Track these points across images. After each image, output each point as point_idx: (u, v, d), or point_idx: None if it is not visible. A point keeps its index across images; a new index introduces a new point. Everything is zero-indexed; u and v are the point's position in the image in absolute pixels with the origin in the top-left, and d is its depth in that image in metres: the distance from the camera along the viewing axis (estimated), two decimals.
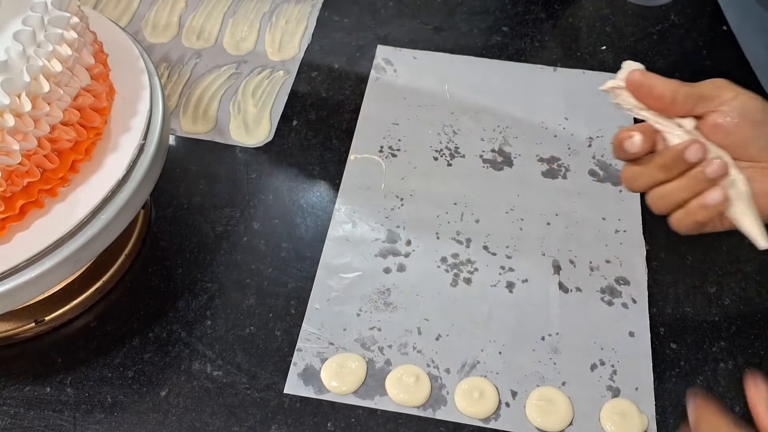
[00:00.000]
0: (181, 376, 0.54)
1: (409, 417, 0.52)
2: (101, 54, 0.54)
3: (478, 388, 0.52)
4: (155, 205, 0.63)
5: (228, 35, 0.77)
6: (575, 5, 0.80)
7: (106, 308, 0.57)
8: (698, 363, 0.54)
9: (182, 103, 0.71)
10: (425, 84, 0.73)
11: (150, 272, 0.59)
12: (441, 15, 0.80)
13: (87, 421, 0.52)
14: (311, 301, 0.57)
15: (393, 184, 0.65)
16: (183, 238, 0.61)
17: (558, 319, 0.56)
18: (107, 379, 0.53)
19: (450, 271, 0.59)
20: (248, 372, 0.54)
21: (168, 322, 0.56)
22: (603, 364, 0.54)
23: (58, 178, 0.48)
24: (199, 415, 0.52)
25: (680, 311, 0.57)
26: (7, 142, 0.43)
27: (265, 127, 0.69)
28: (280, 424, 0.51)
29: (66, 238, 0.47)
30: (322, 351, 0.55)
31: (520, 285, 0.58)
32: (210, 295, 0.58)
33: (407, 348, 0.55)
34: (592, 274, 0.59)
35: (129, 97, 0.54)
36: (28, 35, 0.45)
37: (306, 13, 0.80)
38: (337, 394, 0.53)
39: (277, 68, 0.74)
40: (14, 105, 0.43)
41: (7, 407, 0.52)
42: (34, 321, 0.55)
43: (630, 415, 0.51)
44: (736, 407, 0.52)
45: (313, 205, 0.64)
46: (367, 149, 0.67)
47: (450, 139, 0.68)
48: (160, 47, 0.76)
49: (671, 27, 0.78)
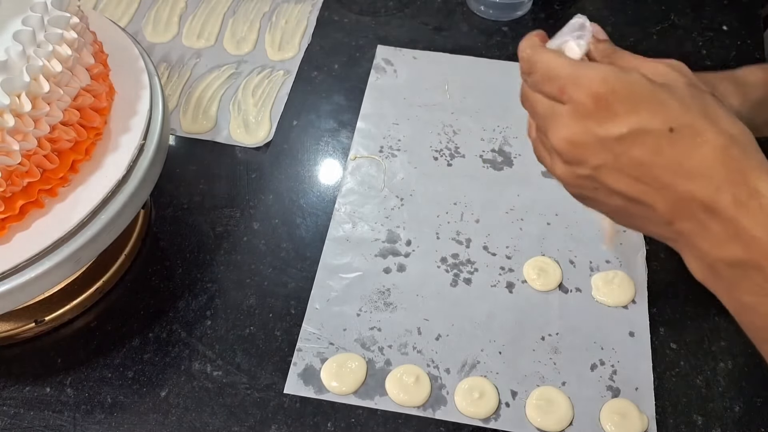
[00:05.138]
0: (181, 376, 0.54)
1: (409, 417, 0.52)
2: (101, 54, 0.54)
3: (478, 388, 0.52)
4: (155, 205, 0.63)
5: (228, 35, 0.77)
6: (575, 5, 0.80)
7: (106, 308, 0.57)
8: (698, 363, 0.54)
9: (182, 103, 0.71)
10: (425, 84, 0.72)
11: (150, 272, 0.59)
12: (441, 15, 0.80)
13: (87, 421, 0.52)
14: (311, 301, 0.57)
15: (393, 184, 0.65)
16: (183, 238, 0.61)
17: (558, 319, 0.56)
18: (107, 380, 0.53)
19: (450, 271, 0.59)
20: (248, 372, 0.54)
21: (168, 322, 0.56)
22: (603, 364, 0.54)
23: (58, 178, 0.48)
24: (199, 415, 0.52)
25: (680, 311, 0.57)
26: (7, 142, 0.43)
27: (265, 127, 0.69)
28: (280, 424, 0.51)
29: (66, 238, 0.47)
30: (322, 351, 0.55)
31: (520, 285, 0.58)
32: (210, 295, 0.58)
33: (407, 348, 0.55)
34: (592, 274, 0.59)
35: (129, 97, 0.54)
36: (28, 35, 0.45)
37: (306, 13, 0.80)
38: (337, 394, 0.53)
39: (277, 68, 0.74)
40: (14, 105, 0.43)
41: (7, 407, 0.52)
42: (34, 321, 0.55)
43: (630, 415, 0.51)
44: (736, 407, 0.52)
45: (313, 205, 0.64)
46: (367, 149, 0.67)
47: (450, 139, 0.68)
48: (160, 47, 0.76)
49: (671, 27, 0.78)
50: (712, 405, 0.52)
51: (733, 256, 0.33)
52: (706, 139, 0.33)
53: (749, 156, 0.33)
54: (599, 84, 0.34)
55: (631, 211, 0.36)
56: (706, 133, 0.33)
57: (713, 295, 0.40)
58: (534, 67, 0.37)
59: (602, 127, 0.34)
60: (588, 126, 0.34)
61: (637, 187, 0.35)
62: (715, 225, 0.33)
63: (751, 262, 0.33)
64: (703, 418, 0.51)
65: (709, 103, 0.35)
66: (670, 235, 0.36)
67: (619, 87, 0.34)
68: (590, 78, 0.34)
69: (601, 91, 0.34)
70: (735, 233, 0.33)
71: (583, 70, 0.35)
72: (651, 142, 0.33)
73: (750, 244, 0.33)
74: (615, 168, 0.35)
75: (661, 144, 0.33)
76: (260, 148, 0.68)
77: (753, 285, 0.33)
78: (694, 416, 0.52)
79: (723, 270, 0.34)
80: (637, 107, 0.34)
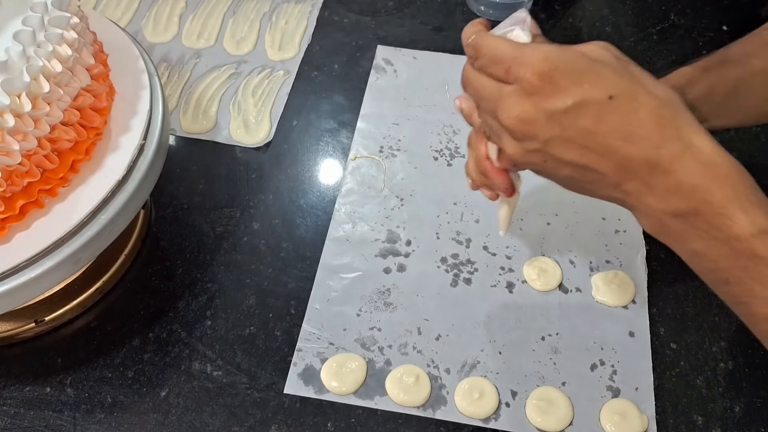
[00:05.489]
0: (181, 376, 0.54)
1: (409, 417, 0.52)
2: (101, 54, 0.54)
3: (478, 388, 0.52)
4: (155, 205, 0.63)
5: (228, 35, 0.77)
6: (575, 5, 0.80)
7: (106, 308, 0.57)
8: (698, 363, 0.54)
9: (182, 103, 0.71)
10: (425, 84, 0.72)
11: (150, 272, 0.59)
12: (441, 15, 0.80)
13: (87, 421, 0.52)
14: (311, 301, 0.57)
15: (393, 184, 0.65)
16: (183, 238, 0.61)
17: (558, 319, 0.56)
18: (107, 379, 0.53)
19: (450, 271, 0.59)
20: (248, 372, 0.54)
21: (168, 322, 0.56)
22: (603, 364, 0.54)
23: (58, 178, 0.48)
24: (199, 415, 0.52)
25: (680, 311, 0.57)
26: (7, 142, 0.43)
27: (265, 127, 0.69)
28: (280, 424, 0.51)
29: (66, 238, 0.47)
30: (322, 351, 0.55)
31: (520, 285, 0.58)
32: (210, 295, 0.58)
33: (407, 348, 0.55)
34: (592, 274, 0.59)
35: (129, 97, 0.54)
36: (28, 35, 0.45)
37: (306, 13, 0.80)
38: (337, 394, 0.53)
39: (277, 68, 0.74)
40: (14, 105, 0.43)
41: (7, 407, 0.52)
42: (34, 321, 0.55)
43: (630, 415, 0.51)
44: (736, 407, 0.52)
45: (313, 205, 0.64)
46: (367, 149, 0.67)
47: (450, 139, 0.68)
48: (160, 47, 0.76)
49: (671, 27, 0.78)
50: (712, 405, 0.52)
51: (676, 207, 0.36)
52: (641, 102, 0.36)
53: (680, 114, 0.36)
54: (542, 62, 0.36)
55: (582, 179, 0.39)
56: (640, 98, 0.36)
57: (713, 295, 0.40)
58: (480, 51, 0.39)
59: (549, 102, 0.36)
60: (535, 102, 0.37)
61: (585, 154, 0.37)
62: (658, 180, 0.36)
63: (692, 210, 0.36)
64: (703, 418, 0.51)
65: (638, 73, 0.37)
66: (620, 195, 0.38)
67: (561, 63, 0.36)
68: (534, 57, 0.37)
69: (544, 68, 0.36)
70: (675, 185, 0.36)
71: (527, 50, 0.37)
72: (594, 111, 0.36)
73: (689, 193, 0.36)
74: (563, 138, 0.37)
75: (603, 111, 0.36)
76: (260, 148, 0.68)
77: (697, 231, 0.36)
78: (694, 416, 0.52)
79: (670, 222, 0.37)
80: (579, 80, 0.36)
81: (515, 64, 0.37)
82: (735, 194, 0.35)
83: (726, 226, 0.35)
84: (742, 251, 0.35)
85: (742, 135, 0.66)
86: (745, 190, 0.35)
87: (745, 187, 0.35)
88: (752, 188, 0.36)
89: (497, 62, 0.38)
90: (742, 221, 0.35)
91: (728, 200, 0.35)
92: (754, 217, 0.35)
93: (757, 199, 0.35)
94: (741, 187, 0.35)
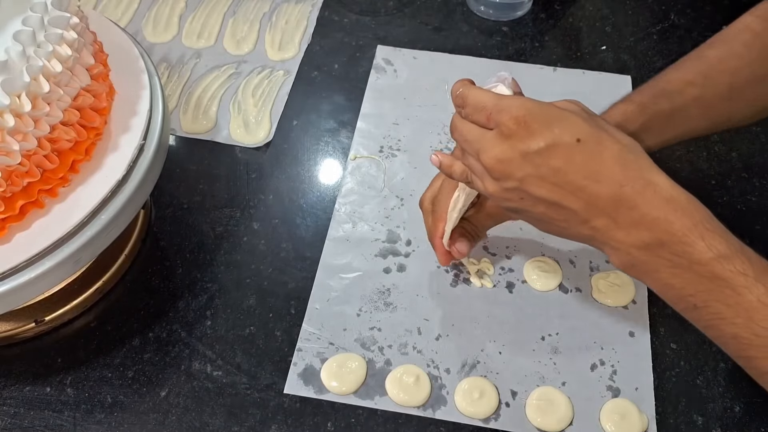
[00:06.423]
0: (181, 376, 0.54)
1: (409, 417, 0.52)
2: (101, 54, 0.54)
3: (478, 388, 0.52)
4: (155, 205, 0.63)
5: (228, 35, 0.77)
6: (575, 5, 0.80)
7: (106, 308, 0.57)
8: (698, 363, 0.54)
9: (182, 103, 0.71)
10: (425, 84, 0.72)
11: (150, 272, 0.59)
12: (441, 15, 0.80)
13: (87, 421, 0.52)
14: (311, 301, 0.57)
15: (393, 184, 0.65)
16: (183, 238, 0.61)
17: (558, 319, 0.56)
18: (107, 379, 0.53)
19: (450, 271, 0.59)
20: (248, 372, 0.54)
21: (168, 322, 0.56)
22: (603, 364, 0.54)
23: (58, 178, 0.48)
24: (199, 415, 0.52)
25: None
26: (7, 142, 0.43)
27: (265, 127, 0.69)
28: (280, 424, 0.51)
29: (66, 238, 0.47)
30: (322, 351, 0.55)
31: (520, 285, 0.58)
32: (210, 295, 0.58)
33: (407, 348, 0.55)
34: (592, 274, 0.59)
35: (129, 97, 0.54)
36: (28, 35, 0.45)
37: (306, 13, 0.80)
38: (337, 394, 0.53)
39: (277, 68, 0.74)
40: (14, 105, 0.43)
41: (7, 407, 0.52)
42: (34, 321, 0.55)
43: (630, 415, 0.51)
44: (736, 407, 0.52)
45: (313, 205, 0.64)
46: (367, 149, 0.67)
47: (450, 139, 0.68)
48: (160, 47, 0.76)
49: (671, 27, 0.78)
50: (712, 405, 0.52)
51: (641, 239, 0.40)
52: (605, 146, 0.40)
53: (640, 157, 0.41)
54: (519, 109, 0.41)
55: (555, 216, 0.42)
56: (605, 142, 0.40)
57: None
58: (466, 100, 0.44)
59: (524, 144, 0.40)
60: (512, 144, 0.41)
61: (556, 191, 0.41)
62: (623, 215, 0.40)
63: (656, 241, 0.39)
64: (703, 418, 0.51)
65: (602, 122, 0.42)
66: (590, 232, 0.42)
67: (535, 111, 0.41)
68: (512, 105, 0.41)
69: (520, 114, 0.41)
70: (639, 218, 0.39)
71: (506, 100, 0.42)
72: (564, 152, 0.40)
73: (652, 224, 0.39)
74: (537, 176, 0.41)
75: (572, 152, 0.40)
76: (260, 148, 0.68)
77: (663, 261, 0.40)
78: (694, 416, 0.52)
79: (638, 254, 0.40)
80: (551, 125, 0.40)
81: (495, 111, 0.42)
82: (693, 223, 0.39)
83: (687, 253, 0.39)
84: (704, 275, 0.39)
85: (742, 135, 0.66)
86: (702, 219, 0.39)
87: (702, 217, 0.39)
88: (708, 218, 0.40)
89: (480, 110, 0.43)
90: (701, 247, 0.38)
91: (687, 229, 0.39)
92: (711, 242, 0.39)
93: (713, 227, 0.39)
94: (698, 217, 0.39)
